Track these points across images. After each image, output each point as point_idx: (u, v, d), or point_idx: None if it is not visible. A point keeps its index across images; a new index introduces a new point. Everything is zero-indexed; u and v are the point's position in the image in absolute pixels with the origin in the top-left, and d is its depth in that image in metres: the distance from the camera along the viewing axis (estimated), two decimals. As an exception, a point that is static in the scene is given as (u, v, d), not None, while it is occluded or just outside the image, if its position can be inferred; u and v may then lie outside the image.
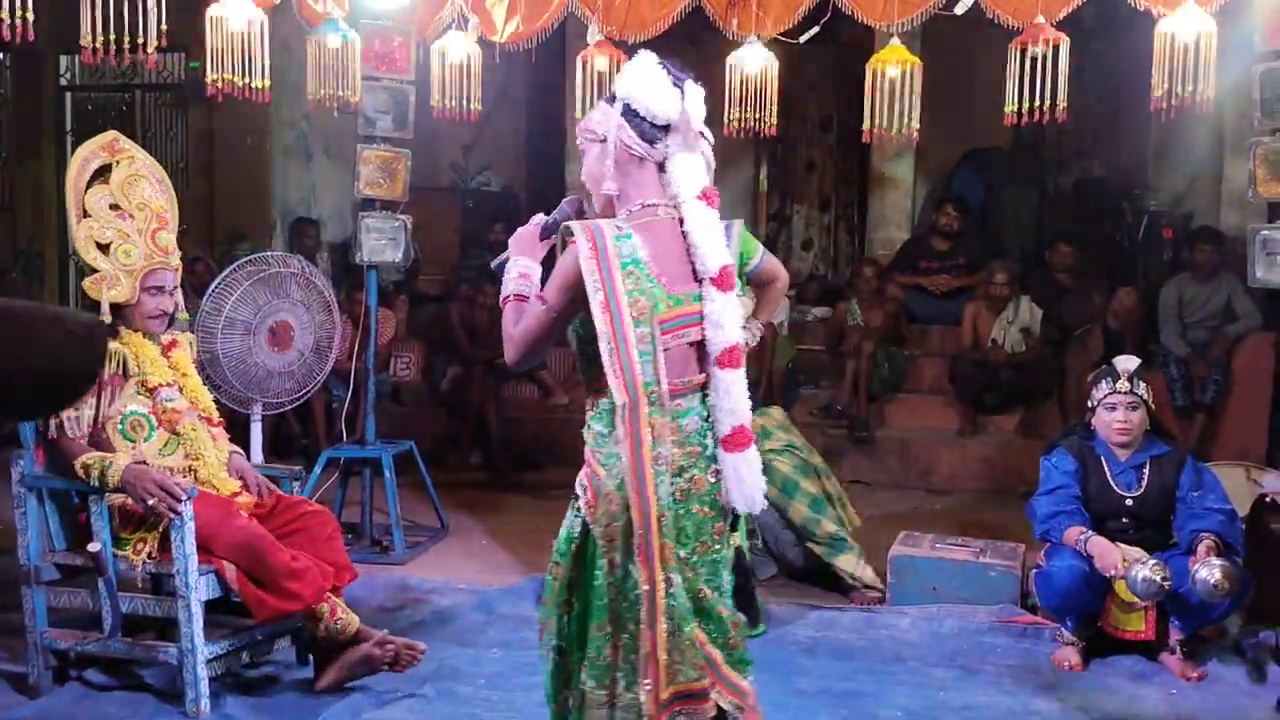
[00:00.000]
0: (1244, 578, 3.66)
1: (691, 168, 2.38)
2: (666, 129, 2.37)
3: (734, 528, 2.48)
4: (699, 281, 2.36)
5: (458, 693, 3.52)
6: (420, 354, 7.58)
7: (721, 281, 2.34)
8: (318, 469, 5.11)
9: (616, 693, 2.32)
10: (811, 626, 4.22)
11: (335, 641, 3.44)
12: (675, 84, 2.37)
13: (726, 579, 2.42)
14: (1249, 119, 4.53)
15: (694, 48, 5.88)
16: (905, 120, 4.87)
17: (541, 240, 2.51)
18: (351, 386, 5.18)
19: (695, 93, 2.39)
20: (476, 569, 4.89)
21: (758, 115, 5.13)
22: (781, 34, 4.98)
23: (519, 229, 2.53)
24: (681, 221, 2.36)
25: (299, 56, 4.87)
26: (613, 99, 2.42)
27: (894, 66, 4.83)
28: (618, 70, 4.89)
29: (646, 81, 2.37)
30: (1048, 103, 4.48)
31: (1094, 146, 9.05)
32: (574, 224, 2.31)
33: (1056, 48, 4.44)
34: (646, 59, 2.42)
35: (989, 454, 6.78)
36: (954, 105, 7.73)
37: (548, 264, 2.46)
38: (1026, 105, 4.51)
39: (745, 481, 2.37)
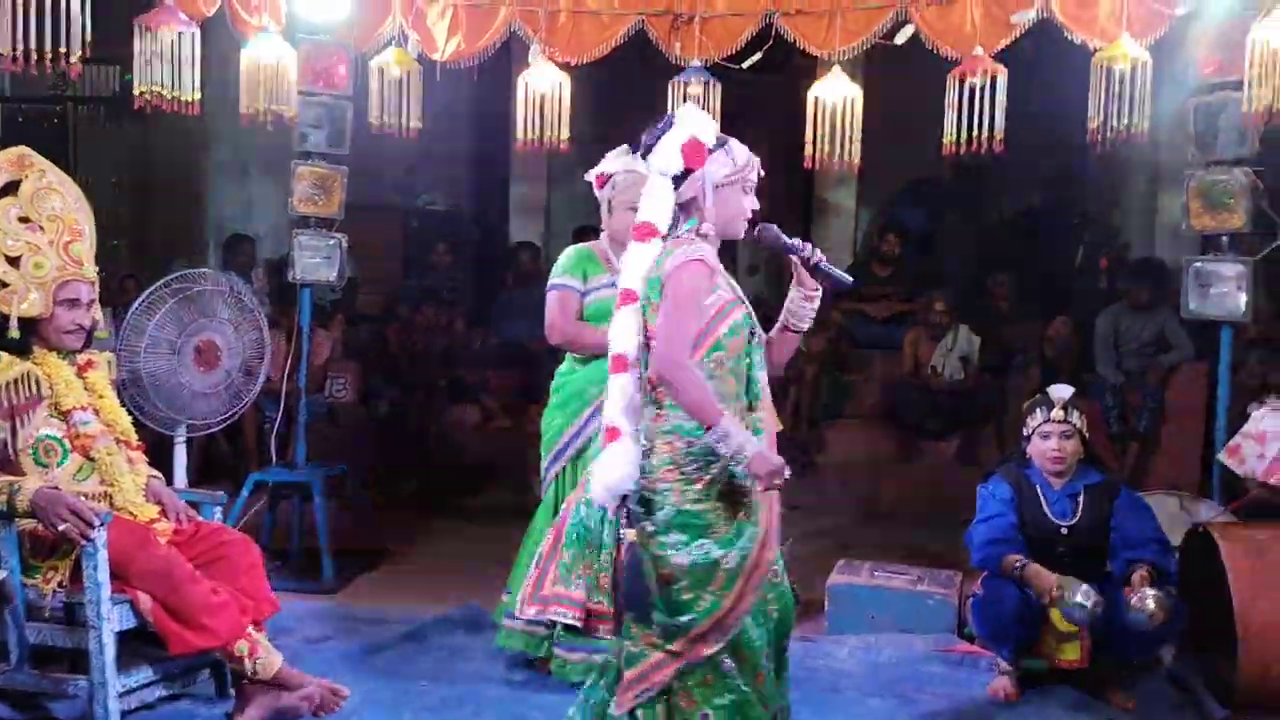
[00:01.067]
0: (1177, 607, 3.67)
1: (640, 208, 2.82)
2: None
3: (630, 521, 2.74)
4: None
5: (383, 727, 3.42)
6: (357, 375, 7.45)
7: (620, 301, 2.80)
8: (244, 493, 4.98)
9: None
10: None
11: (257, 680, 3.31)
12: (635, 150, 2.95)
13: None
14: (1183, 152, 4.60)
15: (638, 72, 5.88)
16: (846, 148, 4.89)
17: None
18: (282, 408, 5.06)
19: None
20: (409, 597, 4.76)
21: (701, 139, 5.10)
22: (725, 59, 4.97)
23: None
24: None
25: (237, 70, 4.77)
26: None
27: (835, 94, 4.85)
28: (560, 91, 4.86)
29: None
30: (985, 133, 4.51)
31: (1033, 178, 9.18)
32: None
33: (994, 79, 4.48)
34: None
35: (928, 480, 6.79)
36: (897, 134, 7.77)
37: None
38: (965, 136, 4.54)
39: (595, 472, 2.82)
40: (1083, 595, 3.60)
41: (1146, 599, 3.58)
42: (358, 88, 4.99)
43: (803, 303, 2.85)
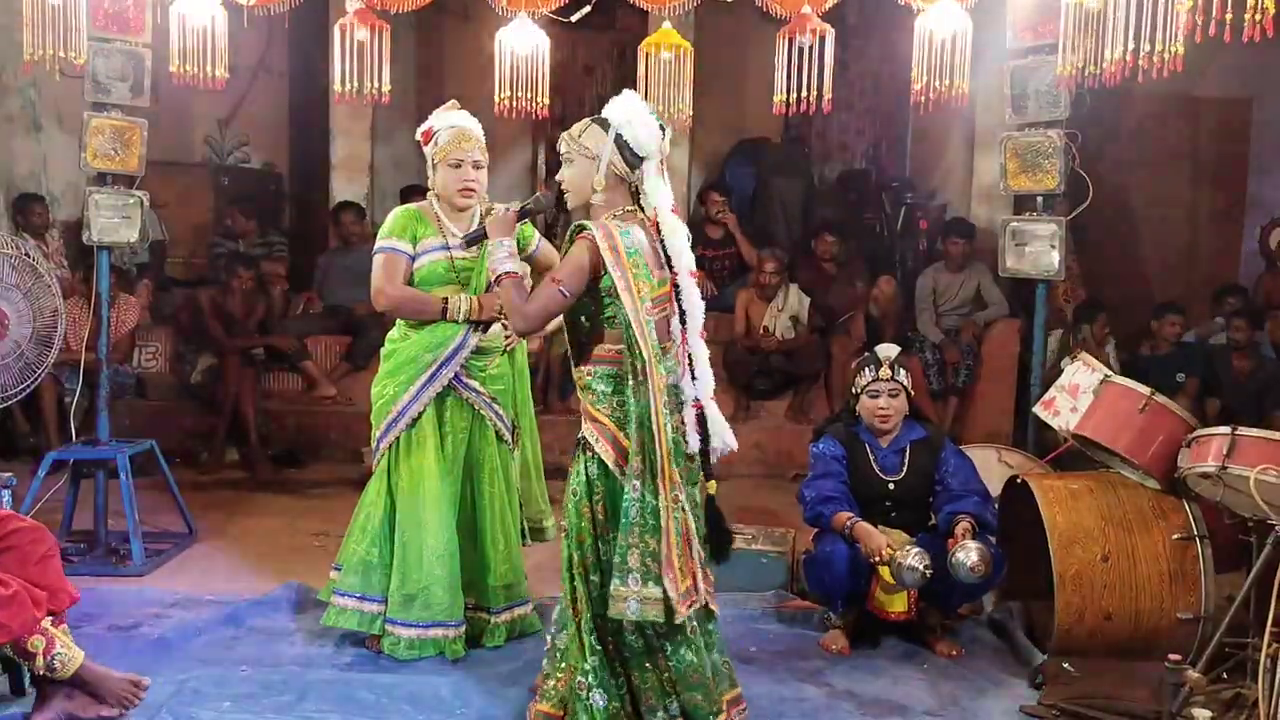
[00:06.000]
0: (998, 558, 3.80)
1: (664, 188, 2.99)
2: (643, 159, 2.96)
3: (708, 475, 3.08)
4: (670, 271, 2.99)
5: (198, 719, 3.21)
6: (168, 343, 7.03)
7: (695, 274, 3.03)
8: (42, 472, 4.61)
9: (637, 590, 2.85)
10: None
11: (56, 678, 3.05)
12: (660, 126, 2.97)
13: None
14: (998, 114, 4.73)
15: (463, 21, 5.69)
16: (678, 105, 4.84)
17: (518, 223, 3.19)
18: (81, 379, 4.70)
19: (667, 133, 3.01)
20: (226, 578, 4.51)
21: (530, 96, 4.96)
22: (553, 13, 4.83)
23: (498, 213, 3.12)
24: (657, 227, 2.98)
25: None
26: (605, 125, 2.96)
27: (666, 50, 4.79)
28: (379, 40, 4.62)
29: (639, 121, 2.94)
30: (813, 93, 4.53)
31: (857, 139, 9.37)
32: (589, 222, 2.94)
33: (822, 39, 4.49)
34: (634, 99, 3.00)
35: (760, 438, 6.88)
36: (727, 94, 7.80)
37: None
38: (794, 95, 4.55)
39: (721, 424, 3.09)
40: (915, 559, 3.67)
41: (969, 552, 3.68)
42: (158, 34, 4.62)
43: None
